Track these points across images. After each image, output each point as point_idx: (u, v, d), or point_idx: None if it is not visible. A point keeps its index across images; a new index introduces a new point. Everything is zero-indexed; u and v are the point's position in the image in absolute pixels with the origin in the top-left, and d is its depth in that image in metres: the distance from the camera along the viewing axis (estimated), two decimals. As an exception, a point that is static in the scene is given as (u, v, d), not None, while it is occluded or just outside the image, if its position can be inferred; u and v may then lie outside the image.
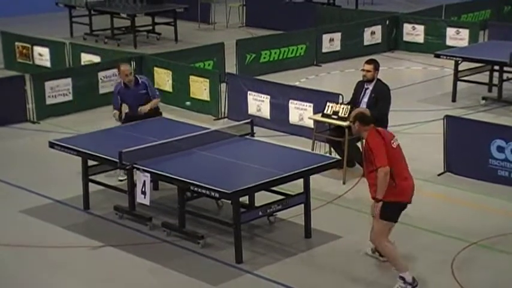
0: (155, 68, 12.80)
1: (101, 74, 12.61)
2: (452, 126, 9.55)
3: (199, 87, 12.15)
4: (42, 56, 14.30)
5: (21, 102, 11.73)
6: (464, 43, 15.35)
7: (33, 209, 8.63)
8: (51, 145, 8.60)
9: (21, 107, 11.71)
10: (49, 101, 11.99)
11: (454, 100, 12.66)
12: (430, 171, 9.54)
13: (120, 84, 9.68)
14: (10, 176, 9.57)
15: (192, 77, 12.28)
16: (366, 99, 9.53)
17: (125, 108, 9.75)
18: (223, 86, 12.02)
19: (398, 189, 6.80)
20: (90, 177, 8.58)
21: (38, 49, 14.35)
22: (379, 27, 16.28)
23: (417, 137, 10.95)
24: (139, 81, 9.68)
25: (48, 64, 14.20)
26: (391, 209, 6.86)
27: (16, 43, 14.68)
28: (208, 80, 12.06)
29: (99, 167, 8.53)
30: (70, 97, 12.19)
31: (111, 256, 7.60)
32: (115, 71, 12.66)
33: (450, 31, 15.81)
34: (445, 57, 13.02)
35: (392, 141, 6.84)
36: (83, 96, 12.31)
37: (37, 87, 11.88)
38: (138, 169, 7.71)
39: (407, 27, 16.37)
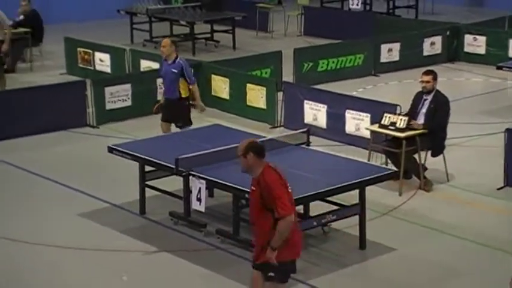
0: (213, 76, 12.89)
1: (159, 81, 12.74)
2: (513, 140, 9.34)
3: (256, 95, 12.18)
4: (103, 61, 14.55)
5: (82, 106, 11.96)
6: (528, 55, 15.02)
7: (91, 213, 8.78)
8: (110, 150, 8.74)
9: (82, 111, 11.93)
10: (109, 106, 12.19)
11: (515, 113, 12.40)
12: (489, 186, 9.35)
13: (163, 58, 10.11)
14: (69, 179, 9.75)
15: (249, 85, 12.32)
16: (424, 111, 9.41)
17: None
18: (280, 94, 12.03)
19: (290, 243, 5.75)
20: (147, 182, 8.68)
21: (99, 55, 14.62)
22: (439, 37, 16.05)
23: (477, 150, 10.75)
24: (176, 61, 9.95)
25: (108, 70, 14.43)
26: (285, 269, 5.85)
27: (78, 48, 14.98)
28: (265, 88, 12.08)
29: (156, 173, 8.62)
30: (129, 102, 12.37)
31: (165, 261, 7.67)
32: (173, 77, 12.85)
33: (513, 42, 15.49)
34: (507, 69, 12.76)
35: (288, 185, 5.76)
36: (142, 102, 12.46)
37: (97, 92, 12.10)
38: (194, 176, 7.76)
39: (468, 38, 16.08)
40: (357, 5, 19.80)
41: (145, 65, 13.87)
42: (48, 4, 18.96)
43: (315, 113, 11.46)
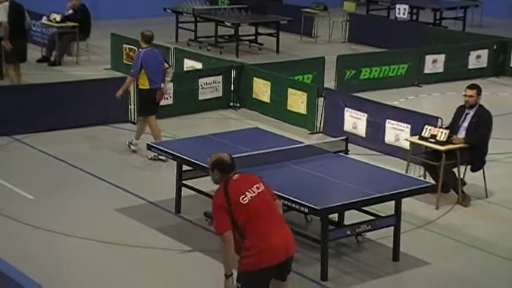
0: (255, 78, 12.93)
1: (201, 81, 12.85)
2: (555, 159, 9.18)
3: (297, 100, 12.19)
4: (147, 59, 14.67)
5: (124, 102, 12.08)
6: None
7: (127, 208, 8.87)
8: (149, 147, 8.83)
9: (124, 107, 12.06)
10: (150, 103, 12.29)
11: (559, 131, 12.18)
12: (528, 204, 9.21)
13: None
14: (107, 174, 9.88)
15: (290, 90, 12.33)
16: (465, 124, 9.32)
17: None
18: (320, 100, 12.01)
19: (253, 254, 5.64)
20: (184, 181, 8.74)
21: (143, 52, 14.74)
22: (486, 51, 15.86)
23: (517, 167, 10.59)
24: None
25: (152, 67, 14.55)
26: (250, 282, 5.70)
27: (124, 45, 15.16)
28: (306, 94, 12.08)
29: (193, 172, 8.68)
30: (170, 101, 12.47)
31: (198, 261, 7.72)
32: (216, 78, 12.95)
33: (561, 60, 15.22)
34: (553, 86, 12.56)
35: (242, 197, 5.67)
36: (183, 101, 12.56)
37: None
38: (230, 178, 7.78)
39: (515, 53, 15.88)
40: (404, 14, 19.66)
41: (189, 64, 13.98)
42: (97, 0, 19.23)
43: (355, 121, 11.42)
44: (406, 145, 10.01)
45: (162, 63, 10.66)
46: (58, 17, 15.65)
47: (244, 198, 5.73)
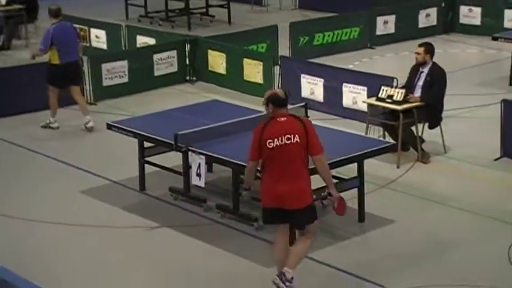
0: (209, 51, 12.89)
1: (156, 56, 12.76)
2: (509, 111, 9.39)
3: (253, 70, 12.20)
4: (99, 38, 14.53)
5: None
6: (524, 25, 15.01)
7: (91, 190, 8.84)
8: (109, 127, 8.78)
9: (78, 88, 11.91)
10: (106, 82, 12.20)
11: (511, 84, 12.42)
12: (486, 157, 9.43)
13: None
14: (68, 156, 9.80)
15: (245, 60, 12.33)
16: (420, 83, 9.45)
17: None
18: (276, 68, 12.04)
19: (262, 189, 6.37)
20: (146, 158, 8.73)
21: (94, 31, 14.59)
22: (435, 9, 16.03)
23: (473, 122, 10.81)
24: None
25: (104, 46, 14.42)
26: (263, 214, 6.50)
27: (74, 25, 14.89)
28: (261, 63, 12.09)
29: (155, 149, 8.67)
30: (126, 79, 12.38)
31: (166, 237, 7.75)
32: (170, 53, 12.88)
33: (508, 13, 15.44)
34: (502, 39, 12.77)
35: (269, 141, 6.18)
36: (139, 78, 12.48)
37: (94, 69, 12.10)
38: (193, 151, 7.82)
39: (463, 9, 16.07)
40: (352, -23, 19.68)
41: (142, 40, 13.85)
42: (42, -19, 18.84)
43: (312, 87, 11.49)
44: (364, 107, 10.13)
45: (74, 36, 10.88)
46: (3, 1, 15.33)
47: (270, 143, 6.21)
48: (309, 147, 6.29)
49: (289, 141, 6.20)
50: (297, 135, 6.23)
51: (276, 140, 6.21)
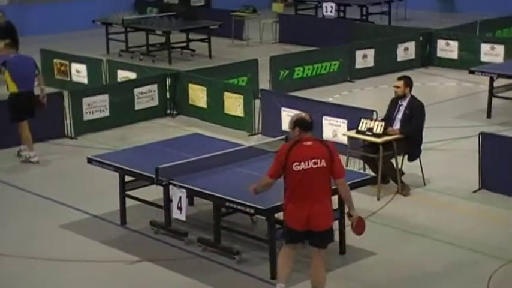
0: (190, 85, 12.95)
1: (136, 91, 12.80)
2: (487, 143, 9.51)
3: (234, 103, 12.27)
4: (80, 72, 14.56)
5: (60, 118, 11.95)
6: (500, 59, 15.23)
7: (72, 224, 8.79)
8: (89, 161, 8.76)
9: (60, 122, 11.93)
10: (86, 117, 12.20)
11: (489, 116, 12.59)
12: (465, 188, 9.51)
13: None
14: (48, 191, 9.75)
15: (226, 93, 12.41)
16: (400, 116, 9.55)
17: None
18: (257, 102, 12.12)
19: (286, 211, 6.68)
20: (127, 192, 8.71)
21: (75, 66, 14.62)
22: (413, 43, 16.27)
23: (452, 154, 10.91)
24: None
25: (85, 81, 14.44)
26: (283, 227, 6.86)
27: (54, 60, 14.97)
28: (242, 96, 12.17)
29: (136, 183, 8.66)
30: (107, 113, 12.39)
31: (147, 271, 7.70)
32: (151, 87, 12.93)
33: (485, 47, 15.71)
34: (479, 73, 12.98)
35: (295, 164, 6.47)
36: (120, 113, 12.49)
37: (75, 103, 12.10)
38: (174, 185, 7.82)
39: (441, 43, 16.32)
40: (331, 11, 20.00)
41: (122, 75, 13.90)
42: (23, 15, 18.92)
43: (293, 120, 11.54)
44: (344, 140, 10.20)
45: (32, 67, 11.03)
46: (-16, 35, 15.31)
47: (297, 166, 6.48)
48: (333, 171, 6.59)
49: (315, 165, 6.50)
50: (323, 160, 6.52)
51: (302, 163, 6.48)
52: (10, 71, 10.74)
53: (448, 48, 16.23)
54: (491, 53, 15.60)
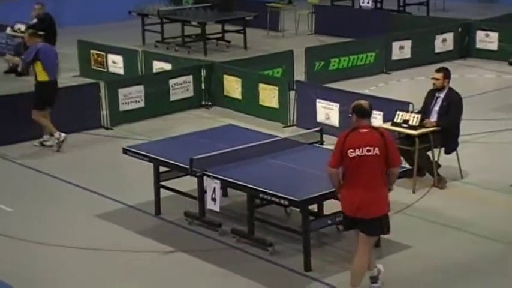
0: (225, 76, 12.95)
1: (172, 82, 12.83)
2: (526, 136, 9.33)
3: (268, 95, 12.23)
4: (116, 63, 14.65)
5: (96, 108, 12.04)
6: (541, 50, 14.96)
7: (107, 214, 8.85)
8: (125, 151, 8.81)
9: (96, 113, 12.01)
10: (122, 107, 12.27)
11: (528, 109, 12.39)
12: (502, 182, 9.36)
13: None
14: (84, 181, 9.84)
15: (261, 85, 12.37)
16: (437, 108, 9.43)
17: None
18: (292, 93, 12.06)
19: (341, 196, 6.76)
20: (162, 183, 8.74)
21: (111, 57, 14.71)
22: (451, 34, 16.03)
23: (490, 147, 10.74)
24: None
25: (121, 71, 14.53)
26: (343, 216, 6.86)
27: (91, 51, 15.08)
28: (277, 88, 12.12)
29: (171, 173, 8.69)
30: (142, 104, 12.44)
31: (181, 261, 7.73)
32: (186, 78, 12.95)
33: (525, 38, 15.44)
34: (519, 64, 12.74)
35: (350, 150, 6.53)
36: (155, 103, 12.54)
37: (111, 94, 12.18)
38: (208, 176, 7.82)
39: (480, 34, 16.06)
40: (368, 2, 19.78)
41: (158, 66, 13.94)
42: (61, 7, 19.10)
43: (327, 112, 11.49)
44: (380, 132, 10.07)
45: (55, 56, 11.32)
46: (23, 27, 15.51)
47: (352, 153, 6.53)
48: (389, 160, 6.57)
49: (369, 153, 6.50)
50: (376, 148, 6.52)
51: (357, 150, 6.52)
52: (42, 61, 10.87)
53: (488, 40, 15.97)
54: (532, 44, 15.31)
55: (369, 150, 6.51)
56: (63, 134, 11.00)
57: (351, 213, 6.63)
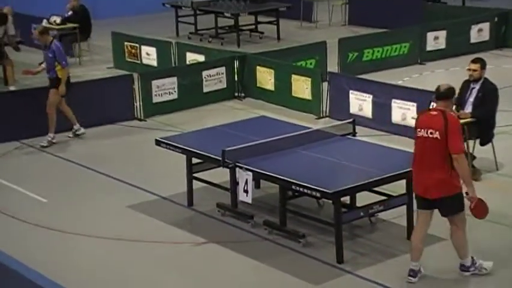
0: (257, 67, 12.93)
1: (205, 73, 12.86)
2: None
3: (301, 86, 12.19)
4: (150, 55, 14.73)
5: (130, 100, 12.12)
6: None
7: (140, 205, 8.92)
8: (158, 143, 8.86)
9: (130, 105, 12.10)
10: (155, 99, 12.33)
11: None
12: (539, 174, 9.21)
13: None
14: (118, 172, 9.92)
15: (294, 76, 12.33)
16: (472, 99, 9.30)
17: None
18: (325, 84, 12.01)
19: (413, 177, 6.93)
20: (194, 174, 8.77)
21: (145, 48, 14.79)
22: (487, 24, 15.79)
23: (526, 138, 10.57)
24: (51, 46, 10.86)
25: (154, 63, 14.60)
26: (414, 196, 7.12)
27: (125, 43, 15.18)
28: (310, 79, 12.07)
29: (203, 165, 8.71)
30: (175, 95, 12.50)
31: (213, 252, 7.76)
32: (219, 69, 12.97)
33: None
34: (557, 55, 12.51)
35: (418, 129, 6.77)
36: (188, 95, 12.59)
37: (144, 85, 12.25)
38: (240, 168, 7.83)
39: (517, 23, 15.81)
40: (402, -8, 19.55)
41: (191, 57, 13.98)
42: (96, 0, 19.25)
43: (361, 103, 11.42)
44: (413, 123, 9.96)
45: None
46: (58, 19, 15.67)
47: (418, 133, 6.79)
48: (448, 146, 6.62)
49: (431, 136, 6.66)
50: (437, 132, 6.63)
51: (422, 130, 6.73)
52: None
53: (525, 29, 15.70)
54: None
55: (431, 133, 6.65)
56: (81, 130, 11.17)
57: (420, 193, 6.80)
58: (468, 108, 9.28)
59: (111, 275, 7.44)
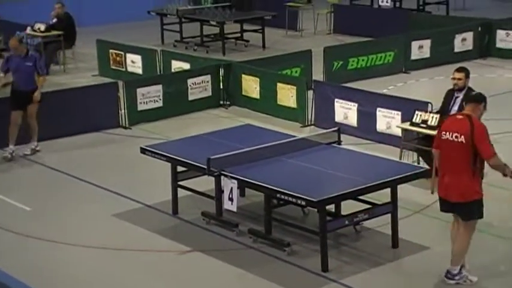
0: (243, 75, 12.94)
1: (190, 81, 12.85)
2: (547, 136, 9.23)
3: (287, 94, 12.21)
4: (135, 63, 14.70)
5: (115, 108, 12.08)
6: (561, 50, 14.80)
7: (125, 213, 8.88)
8: (142, 151, 8.83)
9: (114, 112, 12.06)
10: (140, 107, 12.30)
11: (549, 109, 12.25)
12: (523, 182, 9.24)
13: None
14: (102, 180, 9.88)
15: (279, 84, 12.35)
16: (456, 108, 9.35)
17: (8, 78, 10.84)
18: (310, 93, 12.03)
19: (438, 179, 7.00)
20: (179, 182, 8.75)
21: (130, 56, 14.76)
22: (471, 33, 15.90)
23: (510, 147, 10.62)
24: (29, 54, 10.76)
25: (140, 71, 14.57)
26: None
27: (110, 50, 15.13)
28: (295, 87, 12.10)
29: (188, 173, 8.69)
30: (160, 103, 12.47)
31: (198, 261, 7.74)
32: (204, 77, 12.97)
33: (547, 38, 15.28)
34: (540, 64, 12.61)
35: (443, 132, 6.89)
36: (173, 103, 12.56)
37: (129, 93, 12.21)
38: (225, 176, 7.82)
39: (500, 33, 15.92)
40: (387, 2, 19.68)
41: (177, 65, 13.97)
42: (81, 7, 19.19)
43: (346, 112, 11.45)
44: (398, 132, 10.04)
45: None
46: (42, 27, 15.61)
47: (442, 136, 6.91)
48: (478, 151, 6.73)
49: (456, 139, 6.77)
50: (462, 136, 6.74)
51: (447, 133, 6.85)
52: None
53: (508, 39, 15.82)
54: (553, 43, 15.15)
55: (456, 137, 6.75)
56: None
57: (442, 195, 6.92)
58: (452, 117, 9.32)
59: (97, 284, 7.39)
